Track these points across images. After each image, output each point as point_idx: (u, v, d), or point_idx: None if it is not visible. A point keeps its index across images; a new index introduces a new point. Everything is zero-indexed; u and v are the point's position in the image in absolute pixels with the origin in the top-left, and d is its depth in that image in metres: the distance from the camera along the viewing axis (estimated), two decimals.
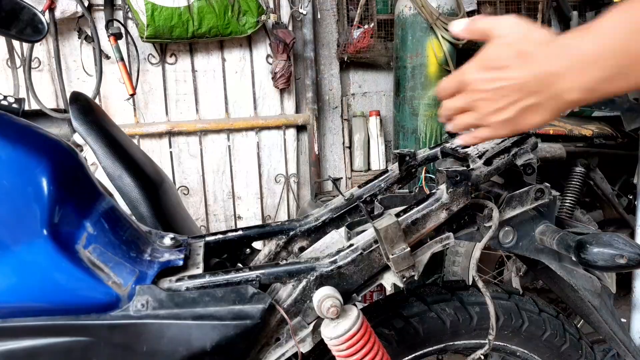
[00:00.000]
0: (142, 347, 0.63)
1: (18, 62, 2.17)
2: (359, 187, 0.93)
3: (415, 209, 0.72)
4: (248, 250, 0.89)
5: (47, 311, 0.60)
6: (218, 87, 2.41)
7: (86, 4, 2.15)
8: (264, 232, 0.88)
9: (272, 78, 2.34)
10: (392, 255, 0.68)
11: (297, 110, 2.53)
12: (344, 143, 2.67)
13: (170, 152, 2.38)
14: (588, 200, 1.92)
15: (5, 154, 0.61)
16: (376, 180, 0.93)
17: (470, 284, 0.90)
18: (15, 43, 2.17)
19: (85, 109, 1.05)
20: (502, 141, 0.82)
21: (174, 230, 1.05)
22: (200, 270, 0.71)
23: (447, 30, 2.20)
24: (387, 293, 1.59)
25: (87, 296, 0.61)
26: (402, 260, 0.68)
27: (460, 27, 0.61)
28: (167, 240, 0.75)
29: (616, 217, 1.92)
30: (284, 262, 0.71)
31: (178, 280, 0.67)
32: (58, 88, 2.20)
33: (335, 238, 0.82)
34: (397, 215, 0.71)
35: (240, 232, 0.87)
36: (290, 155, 2.53)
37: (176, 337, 0.63)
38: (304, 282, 0.69)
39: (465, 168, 0.73)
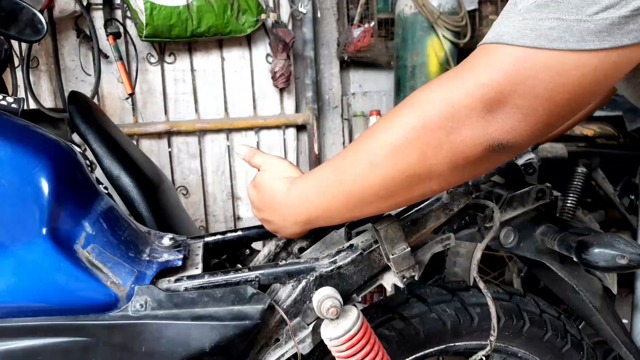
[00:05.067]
0: (140, 348, 0.62)
1: (16, 61, 2.17)
2: None
3: (415, 209, 0.72)
4: (247, 250, 0.88)
5: (46, 311, 0.60)
6: (217, 86, 2.41)
7: (85, 2, 2.14)
8: (264, 232, 0.88)
9: (272, 77, 2.34)
10: (393, 255, 0.67)
11: (297, 110, 2.53)
12: (344, 143, 2.66)
13: (169, 152, 2.38)
14: (590, 201, 1.92)
15: (5, 154, 0.61)
16: None
17: (471, 284, 0.90)
18: (14, 42, 2.16)
19: (84, 108, 1.04)
20: None
21: (172, 230, 1.05)
22: (199, 271, 0.71)
23: (448, 29, 2.19)
24: (388, 294, 1.59)
25: (86, 296, 0.61)
26: (403, 260, 0.68)
27: (242, 153, 0.77)
28: (166, 241, 0.75)
29: (618, 218, 1.91)
30: (284, 262, 0.71)
31: (177, 280, 0.67)
32: (56, 87, 2.20)
33: (335, 238, 0.81)
34: (397, 215, 0.71)
35: (239, 233, 0.86)
36: (290, 155, 2.52)
37: (175, 337, 0.63)
38: (303, 283, 0.69)
39: None
